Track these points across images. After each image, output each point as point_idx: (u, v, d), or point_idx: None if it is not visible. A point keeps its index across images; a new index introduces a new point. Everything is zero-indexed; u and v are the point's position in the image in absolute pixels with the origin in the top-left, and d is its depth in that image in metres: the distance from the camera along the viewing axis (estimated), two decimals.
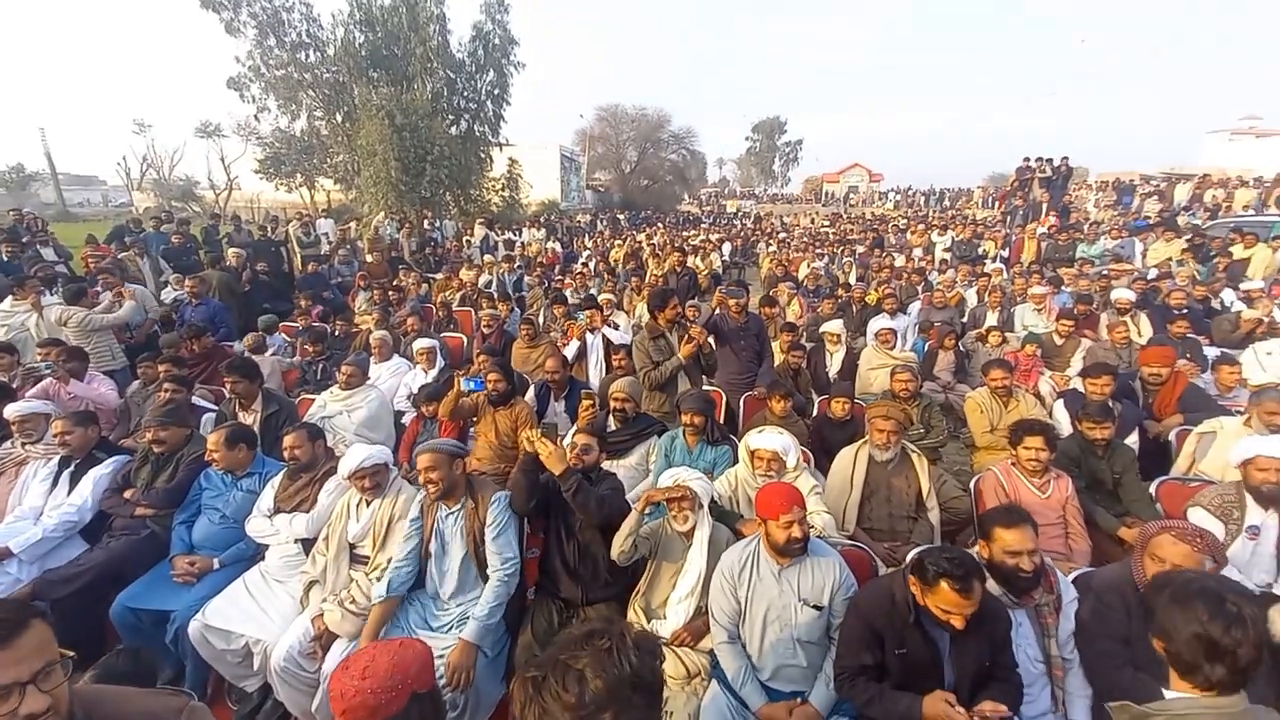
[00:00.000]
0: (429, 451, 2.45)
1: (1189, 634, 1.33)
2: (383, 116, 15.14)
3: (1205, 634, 1.31)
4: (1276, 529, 2.63)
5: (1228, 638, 1.29)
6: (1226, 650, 1.29)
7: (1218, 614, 1.31)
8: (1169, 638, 1.35)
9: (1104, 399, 3.61)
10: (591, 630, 1.05)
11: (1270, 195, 14.73)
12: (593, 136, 34.99)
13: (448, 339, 5.92)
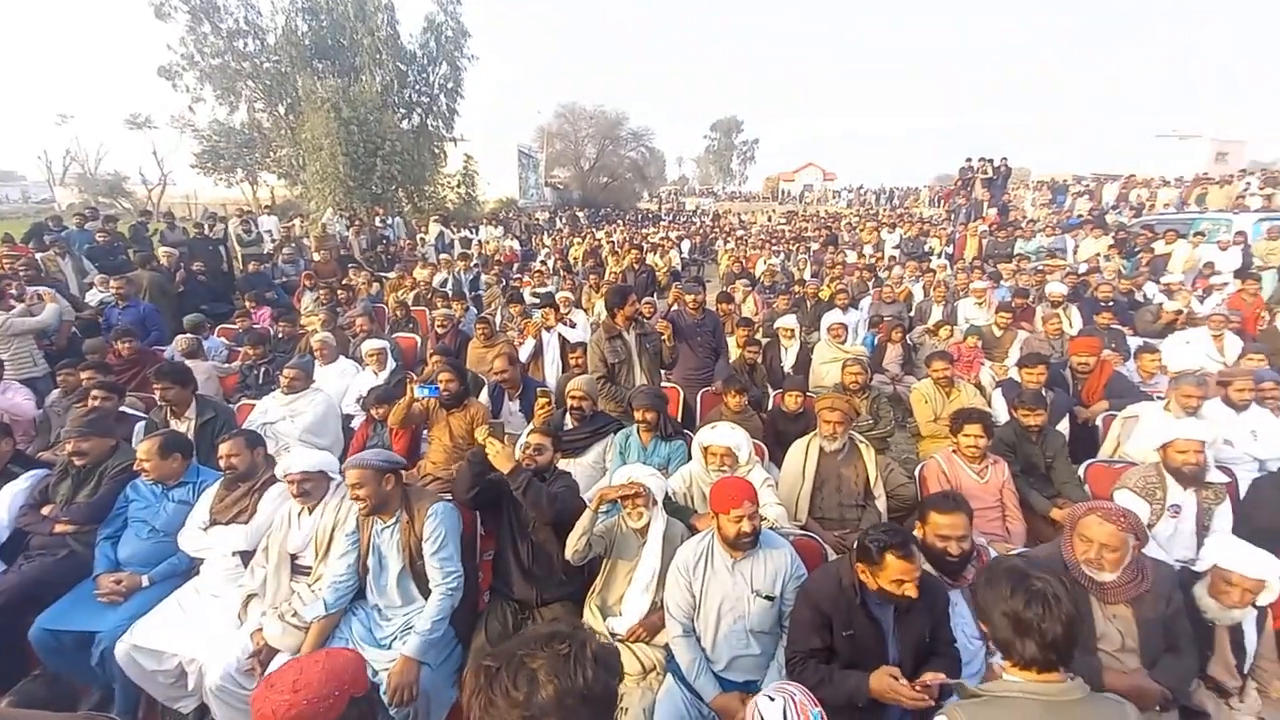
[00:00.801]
0: (356, 467, 2.33)
1: (998, 612, 1.38)
2: (329, 109, 14.59)
3: (1010, 610, 1.36)
4: (1196, 507, 2.83)
5: (1029, 612, 1.33)
6: (1030, 626, 1.33)
7: (1019, 590, 1.36)
8: (986, 619, 1.40)
9: (1038, 387, 3.81)
10: (555, 633, 1.03)
11: (1189, 194, 15.81)
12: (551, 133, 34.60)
13: (401, 340, 5.76)
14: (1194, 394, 3.39)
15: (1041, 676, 1.35)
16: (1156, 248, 9.67)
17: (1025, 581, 1.38)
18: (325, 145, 14.74)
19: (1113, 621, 2.12)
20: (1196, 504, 2.80)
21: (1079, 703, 1.33)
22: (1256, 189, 14.75)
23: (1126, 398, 4.02)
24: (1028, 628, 1.35)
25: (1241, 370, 3.85)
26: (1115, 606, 2.13)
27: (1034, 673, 1.35)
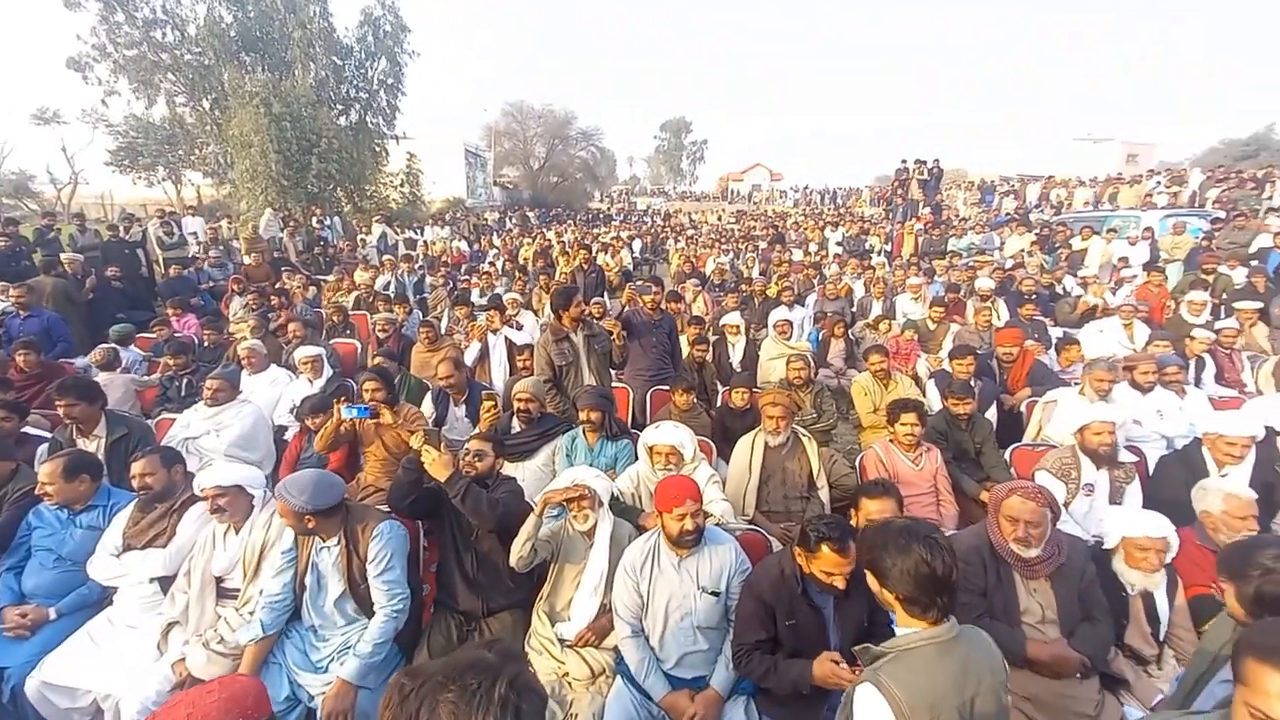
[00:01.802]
0: (278, 498, 2.20)
1: (898, 570, 1.45)
2: (257, 104, 13.85)
3: (912, 565, 1.43)
4: (1108, 485, 3.04)
5: (936, 562, 1.43)
6: (934, 575, 1.42)
7: (918, 545, 1.45)
8: (897, 581, 1.45)
9: (967, 378, 4.01)
10: (474, 663, 0.98)
11: (1103, 193, 16.99)
12: (499, 132, 33.97)
13: (339, 346, 5.52)
14: (1106, 378, 3.64)
15: (932, 623, 1.45)
16: (1074, 243, 10.35)
17: (920, 536, 1.47)
18: (255, 142, 13.97)
19: (1034, 595, 2.25)
20: (1109, 482, 3.00)
21: (957, 639, 1.45)
22: (1163, 188, 15.99)
23: (1047, 384, 4.28)
24: (931, 578, 1.43)
25: (1144, 355, 4.17)
26: (1036, 581, 2.26)
27: (927, 622, 1.45)
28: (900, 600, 1.47)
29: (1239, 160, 28.08)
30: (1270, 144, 31.71)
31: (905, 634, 1.47)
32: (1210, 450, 3.01)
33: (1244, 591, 1.42)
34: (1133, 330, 5.45)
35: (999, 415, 4.22)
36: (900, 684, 1.37)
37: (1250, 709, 1.06)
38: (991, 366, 4.58)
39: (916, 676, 1.39)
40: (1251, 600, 1.41)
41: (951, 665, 1.42)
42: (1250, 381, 4.84)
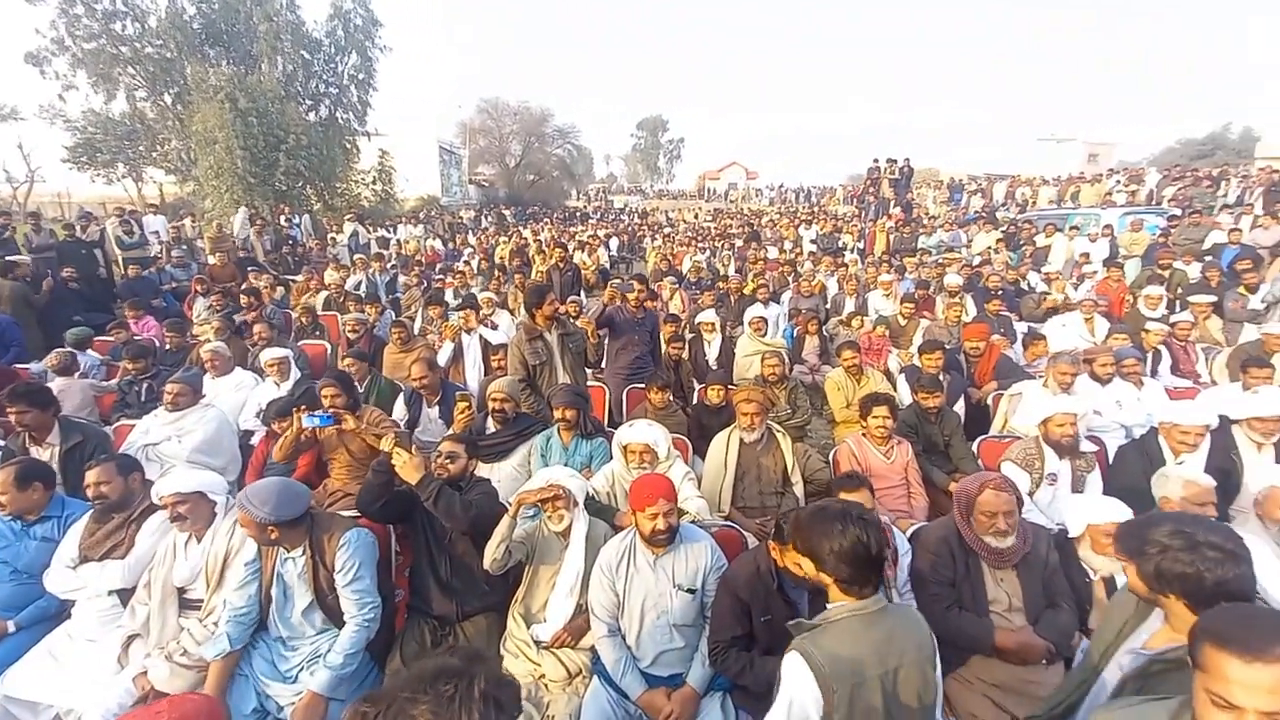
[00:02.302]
0: (239, 508, 2.13)
1: (829, 550, 1.51)
2: (222, 99, 13.47)
3: (844, 544, 1.50)
4: (1070, 474, 3.13)
5: (867, 537, 1.50)
6: (865, 550, 1.49)
7: (850, 523, 1.52)
8: (835, 563, 1.51)
9: (935, 372, 4.09)
10: (441, 670, 0.97)
11: (1065, 191, 17.50)
12: (474, 129, 33.55)
13: (308, 347, 5.40)
14: (1069, 371, 3.75)
15: (861, 596, 1.52)
16: (1038, 241, 10.64)
17: (854, 518, 1.54)
18: (220, 138, 13.60)
19: (1001, 585, 2.30)
20: (1071, 472, 3.09)
21: (883, 611, 1.53)
22: (1122, 186, 16.54)
23: (1012, 378, 4.39)
24: (865, 557, 1.50)
25: (1101, 348, 4.30)
26: (1003, 571, 2.31)
27: (854, 597, 1.53)
28: (836, 581, 1.54)
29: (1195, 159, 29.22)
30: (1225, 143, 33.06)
31: (834, 607, 1.55)
32: (1166, 439, 3.11)
33: (1144, 569, 1.47)
34: (1093, 324, 5.62)
35: (967, 408, 4.32)
36: (825, 652, 1.44)
37: (1211, 695, 1.07)
38: (959, 361, 4.68)
39: (841, 646, 1.46)
40: (1152, 577, 1.46)
41: (876, 636, 1.49)
42: (1205, 372, 5.04)
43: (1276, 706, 1.01)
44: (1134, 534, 1.53)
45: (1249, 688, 1.03)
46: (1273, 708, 1.01)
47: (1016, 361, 4.90)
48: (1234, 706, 1.04)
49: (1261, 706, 1.02)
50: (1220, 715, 1.06)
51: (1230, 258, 7.04)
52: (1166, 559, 1.42)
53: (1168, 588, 1.44)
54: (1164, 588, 1.45)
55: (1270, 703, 1.01)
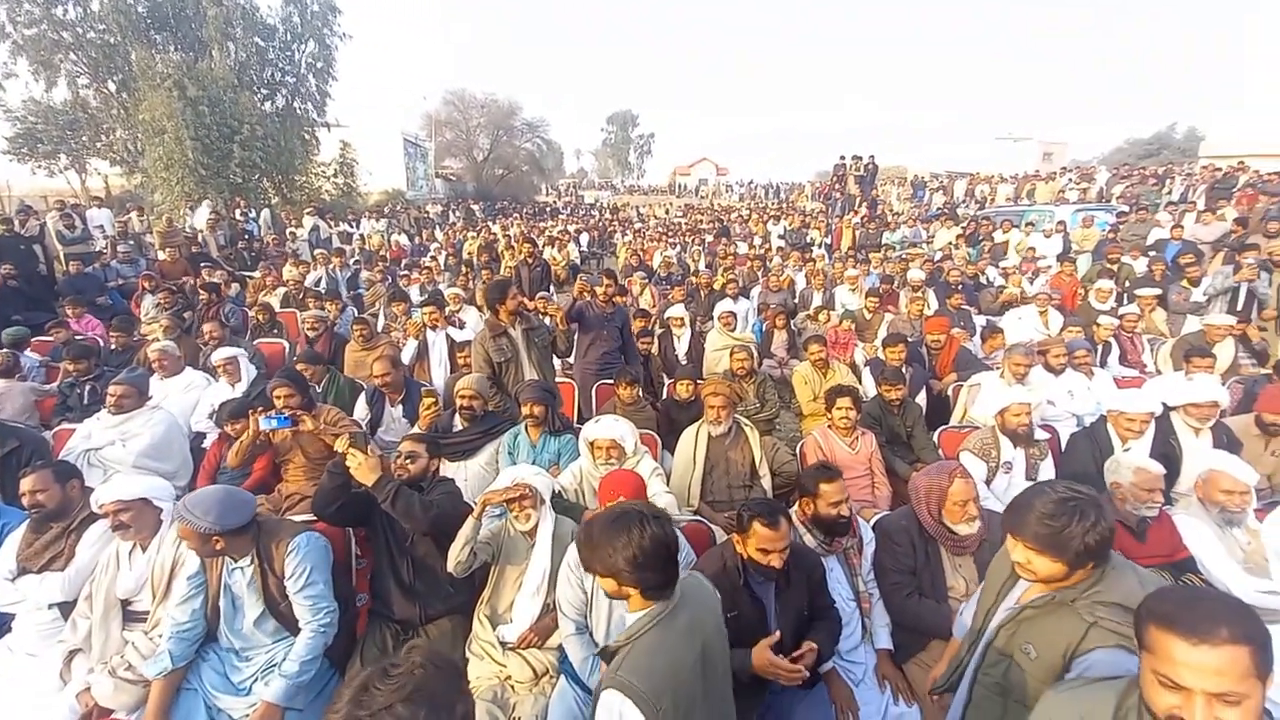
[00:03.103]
0: (179, 519, 2.02)
1: (623, 559, 1.43)
2: (170, 86, 12.88)
3: (638, 550, 1.42)
4: (1025, 462, 3.23)
5: (664, 539, 1.47)
6: (661, 553, 1.45)
7: (641, 527, 1.45)
8: (632, 572, 1.43)
9: (899, 365, 4.18)
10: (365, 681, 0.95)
11: (1021, 189, 18.07)
12: (440, 122, 32.79)
13: (265, 346, 5.21)
14: (1023, 362, 3.87)
15: (665, 598, 1.47)
16: (996, 236, 10.97)
17: (640, 516, 1.47)
18: (168, 128, 13.01)
19: (959, 571, 2.36)
20: (1025, 460, 3.20)
21: (675, 609, 1.48)
22: (1074, 184, 17.16)
23: (971, 369, 4.52)
24: (664, 553, 1.45)
25: (1054, 340, 4.46)
26: (962, 558, 2.38)
27: (656, 601, 1.46)
28: (641, 591, 1.46)
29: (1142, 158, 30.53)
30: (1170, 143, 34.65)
31: (635, 620, 1.47)
32: (1114, 426, 3.24)
33: (1066, 555, 1.47)
34: (1047, 317, 5.83)
35: (928, 399, 4.43)
36: (641, 675, 1.36)
37: (1158, 677, 1.08)
38: (921, 354, 4.79)
39: (655, 658, 1.39)
40: (1082, 555, 1.47)
41: (682, 626, 1.46)
42: (1151, 363, 5.27)
43: (1223, 688, 1.02)
44: (1016, 512, 1.54)
45: (1195, 669, 1.03)
46: (1220, 689, 1.02)
47: (975, 354, 5.04)
48: (1181, 688, 1.05)
49: (1209, 688, 1.02)
50: (1168, 696, 1.07)
51: (1174, 253, 7.36)
52: (1090, 536, 1.44)
53: (1087, 559, 1.47)
54: (1084, 561, 1.47)
55: (1217, 684, 1.02)
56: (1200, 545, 2.48)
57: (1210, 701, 1.02)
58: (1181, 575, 2.46)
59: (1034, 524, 1.49)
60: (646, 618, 1.45)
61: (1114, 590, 1.47)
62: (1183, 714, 1.05)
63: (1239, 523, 2.52)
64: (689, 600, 1.53)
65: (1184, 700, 1.05)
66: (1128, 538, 2.54)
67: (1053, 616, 1.52)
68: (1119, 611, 1.43)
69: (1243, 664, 1.02)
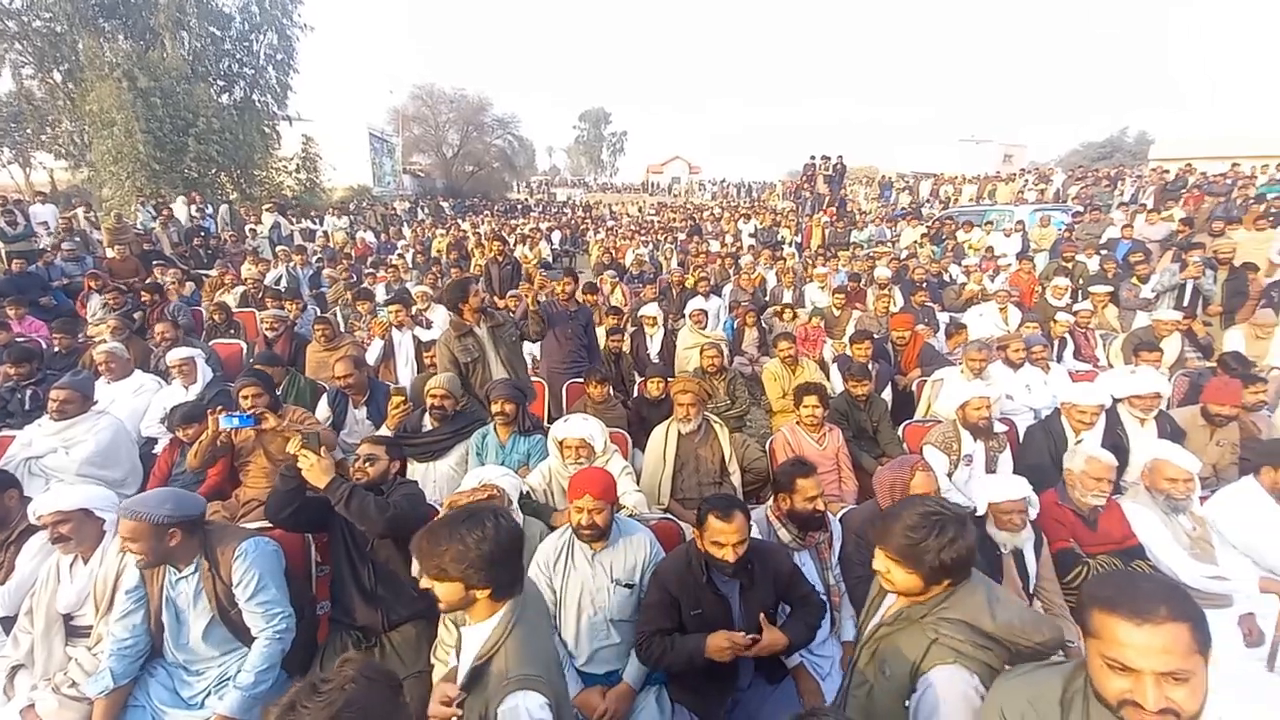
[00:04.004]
0: (127, 517, 1.91)
1: (474, 568, 1.38)
2: (119, 76, 12.31)
3: (491, 549, 1.39)
4: (984, 455, 3.32)
5: (506, 532, 1.42)
6: (514, 544, 1.45)
7: (486, 525, 1.41)
8: (482, 572, 1.38)
9: (865, 361, 4.25)
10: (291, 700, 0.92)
11: (984, 189, 18.60)
12: (407, 116, 32.10)
13: (221, 347, 5.02)
14: (978, 357, 3.98)
15: (509, 599, 1.44)
16: (959, 236, 11.27)
17: (489, 515, 1.44)
18: (118, 120, 12.44)
19: None
20: (985, 452, 3.29)
21: (527, 600, 1.49)
22: (1032, 185, 17.74)
23: (935, 365, 4.63)
24: (513, 552, 1.44)
25: (1014, 335, 4.60)
26: None
27: (503, 601, 1.44)
28: (492, 592, 1.40)
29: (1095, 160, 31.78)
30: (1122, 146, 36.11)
31: (494, 626, 1.41)
32: (1067, 418, 3.36)
33: (923, 570, 1.47)
34: (1007, 314, 6.00)
35: (894, 395, 4.52)
36: (529, 664, 1.35)
37: (1106, 660, 1.11)
38: (887, 350, 4.89)
39: (533, 647, 1.39)
40: (938, 571, 1.47)
41: (535, 614, 1.47)
42: (1103, 357, 5.47)
43: (1170, 666, 1.04)
44: (909, 546, 1.49)
45: (1141, 649, 1.06)
46: (1167, 667, 1.04)
47: (939, 350, 5.17)
48: (1129, 669, 1.07)
49: (1156, 668, 1.05)
50: (1118, 680, 1.09)
51: (1124, 251, 7.67)
52: (947, 553, 1.44)
53: (943, 575, 1.47)
54: (939, 576, 1.47)
55: (1164, 662, 1.04)
56: (1147, 532, 2.59)
57: (1159, 681, 1.05)
58: (1130, 562, 2.55)
59: (897, 534, 1.50)
60: (505, 617, 1.40)
61: (959, 607, 1.47)
62: (1134, 697, 1.07)
63: (1184, 509, 2.63)
64: (532, 593, 1.52)
65: (1134, 683, 1.07)
66: (1080, 526, 2.64)
67: (904, 634, 1.53)
68: (961, 628, 1.44)
69: (1184, 640, 1.05)
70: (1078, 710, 1.20)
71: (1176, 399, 4.21)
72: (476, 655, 1.40)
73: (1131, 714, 1.08)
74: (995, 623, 1.44)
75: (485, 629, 1.42)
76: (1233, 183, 12.58)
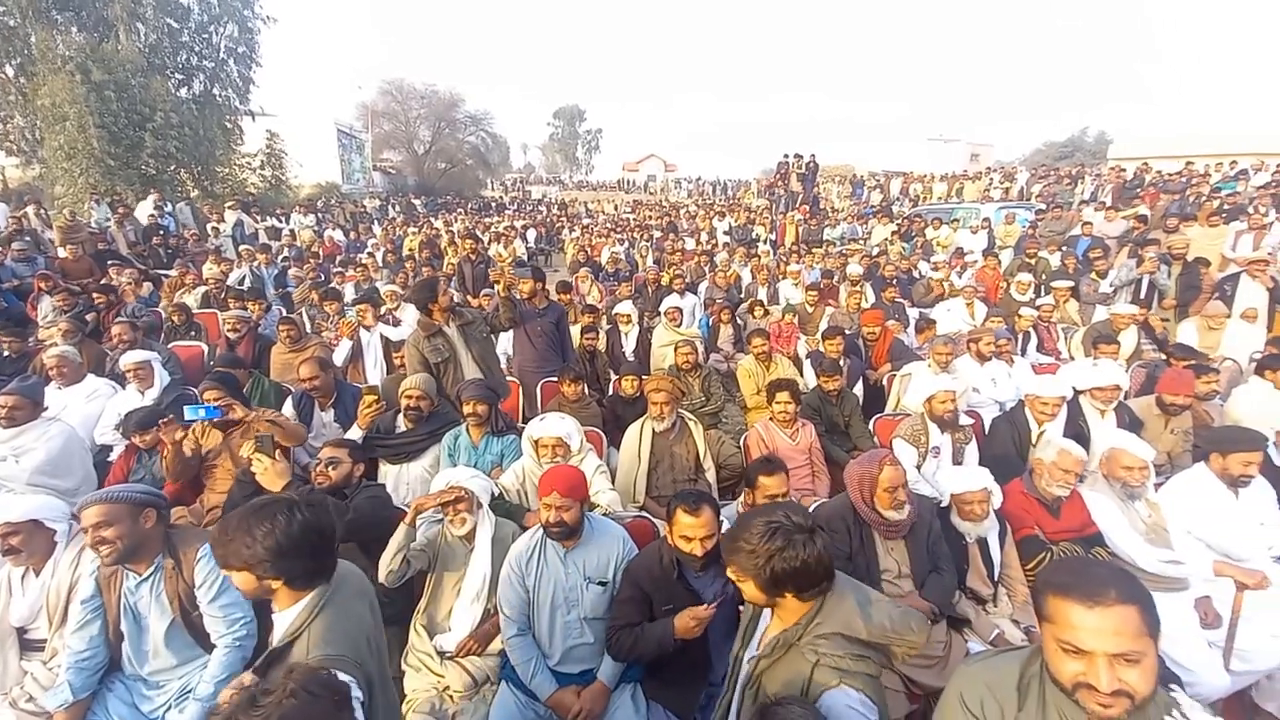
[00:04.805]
0: (99, 503, 1.87)
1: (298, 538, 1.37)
2: (72, 70, 11.82)
3: (288, 539, 1.35)
4: (951, 447, 3.39)
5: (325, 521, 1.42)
6: (326, 534, 1.42)
7: (287, 515, 1.37)
8: (277, 560, 1.35)
9: (837, 356, 4.31)
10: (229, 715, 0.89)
11: (952, 187, 19.01)
12: (377, 112, 31.45)
13: (181, 349, 4.85)
14: (944, 351, 4.07)
15: (311, 589, 1.41)
16: (928, 233, 11.49)
17: (285, 506, 1.40)
18: (71, 114, 11.95)
19: (891, 554, 2.45)
20: (952, 444, 3.36)
21: (338, 586, 1.46)
22: (998, 183, 18.20)
23: (904, 359, 4.72)
24: (315, 538, 1.40)
25: (985, 330, 4.71)
26: (893, 541, 2.47)
27: (304, 591, 1.41)
28: (287, 583, 1.37)
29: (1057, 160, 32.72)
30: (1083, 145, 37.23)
31: (297, 613, 1.38)
32: (1030, 410, 3.45)
33: (760, 581, 1.44)
34: (973, 309, 6.15)
35: (865, 389, 4.59)
36: (334, 643, 1.32)
37: (1061, 644, 1.14)
38: (859, 345, 4.96)
39: (339, 627, 1.36)
40: (770, 584, 1.43)
41: (349, 595, 1.43)
42: (1065, 350, 5.64)
43: (1122, 647, 1.08)
44: (734, 549, 1.47)
45: (1094, 632, 1.09)
46: (1119, 648, 1.08)
47: (909, 345, 5.26)
48: (1083, 651, 1.11)
49: (1108, 649, 1.08)
50: (1073, 663, 1.13)
51: (1084, 247, 7.91)
52: (776, 561, 1.40)
53: (783, 588, 1.43)
54: (780, 589, 1.44)
55: (1116, 644, 1.08)
56: (1106, 519, 2.67)
57: (1112, 663, 1.09)
58: (1091, 549, 2.63)
59: (735, 545, 1.47)
60: (310, 604, 1.37)
61: (831, 619, 1.44)
62: (1088, 679, 1.10)
63: (1140, 496, 2.72)
64: (347, 580, 1.47)
65: (1087, 665, 1.11)
66: (1044, 514, 2.71)
67: (783, 662, 1.47)
68: (839, 642, 1.41)
69: (1134, 622, 1.09)
70: (1034, 695, 1.23)
71: (1133, 390, 4.36)
72: (278, 640, 1.36)
73: (1085, 696, 1.12)
74: (869, 627, 1.43)
75: (289, 615, 1.39)
76: (1187, 180, 13.08)
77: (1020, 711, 1.24)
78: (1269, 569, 2.55)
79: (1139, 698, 1.09)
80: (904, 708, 2.20)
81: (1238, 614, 2.45)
